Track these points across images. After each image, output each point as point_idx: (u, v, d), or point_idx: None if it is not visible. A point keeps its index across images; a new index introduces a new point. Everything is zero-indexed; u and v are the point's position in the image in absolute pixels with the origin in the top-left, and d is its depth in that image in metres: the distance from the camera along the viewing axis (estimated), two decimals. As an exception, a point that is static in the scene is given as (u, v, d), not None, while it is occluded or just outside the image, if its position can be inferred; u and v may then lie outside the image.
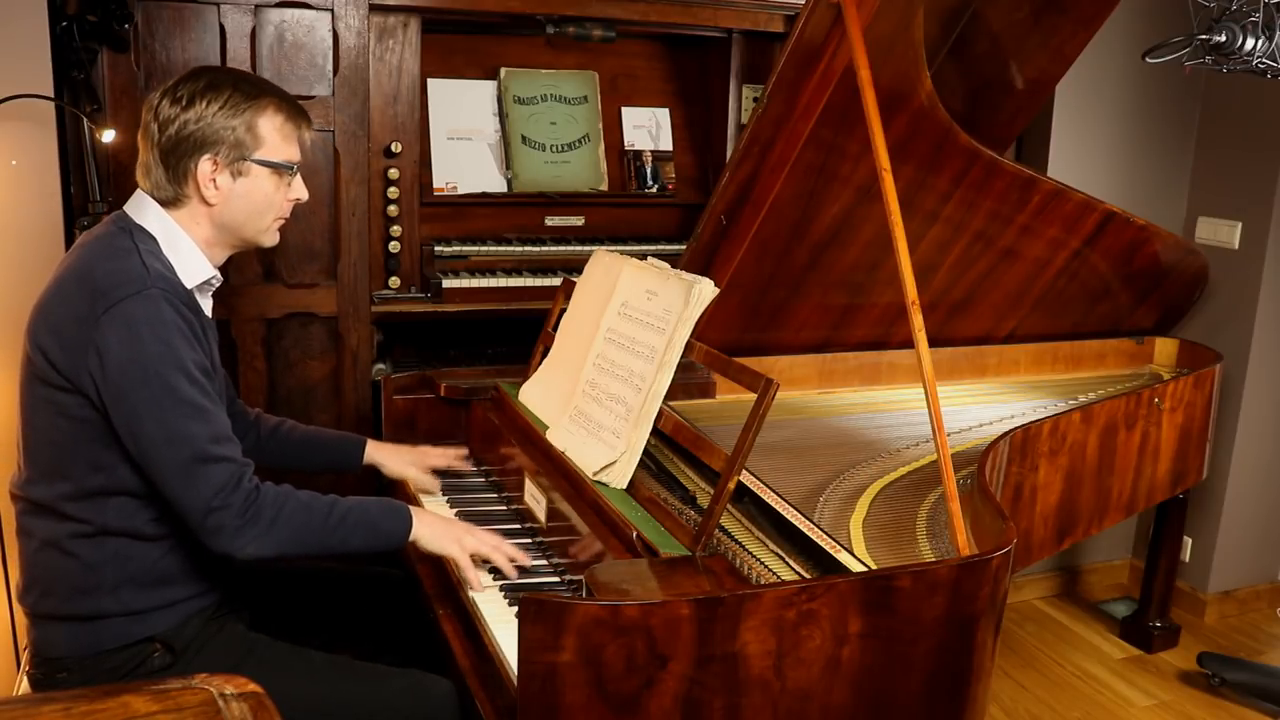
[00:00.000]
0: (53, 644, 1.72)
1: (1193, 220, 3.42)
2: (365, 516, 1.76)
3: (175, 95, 1.71)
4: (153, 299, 1.61)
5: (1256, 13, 2.28)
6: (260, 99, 1.74)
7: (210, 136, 1.70)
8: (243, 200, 1.74)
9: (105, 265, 1.64)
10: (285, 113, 1.77)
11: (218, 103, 1.70)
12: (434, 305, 2.72)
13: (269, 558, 1.66)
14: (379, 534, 1.77)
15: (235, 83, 1.73)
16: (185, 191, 1.72)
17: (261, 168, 1.74)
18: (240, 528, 1.62)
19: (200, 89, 1.70)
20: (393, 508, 1.80)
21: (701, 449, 1.76)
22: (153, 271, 1.64)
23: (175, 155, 1.70)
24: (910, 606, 1.48)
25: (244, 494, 1.63)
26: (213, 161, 1.71)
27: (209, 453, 1.62)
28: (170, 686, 1.02)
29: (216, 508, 1.61)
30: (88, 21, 2.24)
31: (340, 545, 1.72)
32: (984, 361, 2.92)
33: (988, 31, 2.58)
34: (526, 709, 1.35)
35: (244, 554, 1.64)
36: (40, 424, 1.67)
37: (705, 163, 3.16)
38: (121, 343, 1.58)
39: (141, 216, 1.73)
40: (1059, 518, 2.50)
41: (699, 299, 1.83)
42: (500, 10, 2.68)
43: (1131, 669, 3.17)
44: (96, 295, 1.60)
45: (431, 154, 2.83)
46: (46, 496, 1.68)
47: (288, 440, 2.09)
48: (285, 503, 1.68)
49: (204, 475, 1.61)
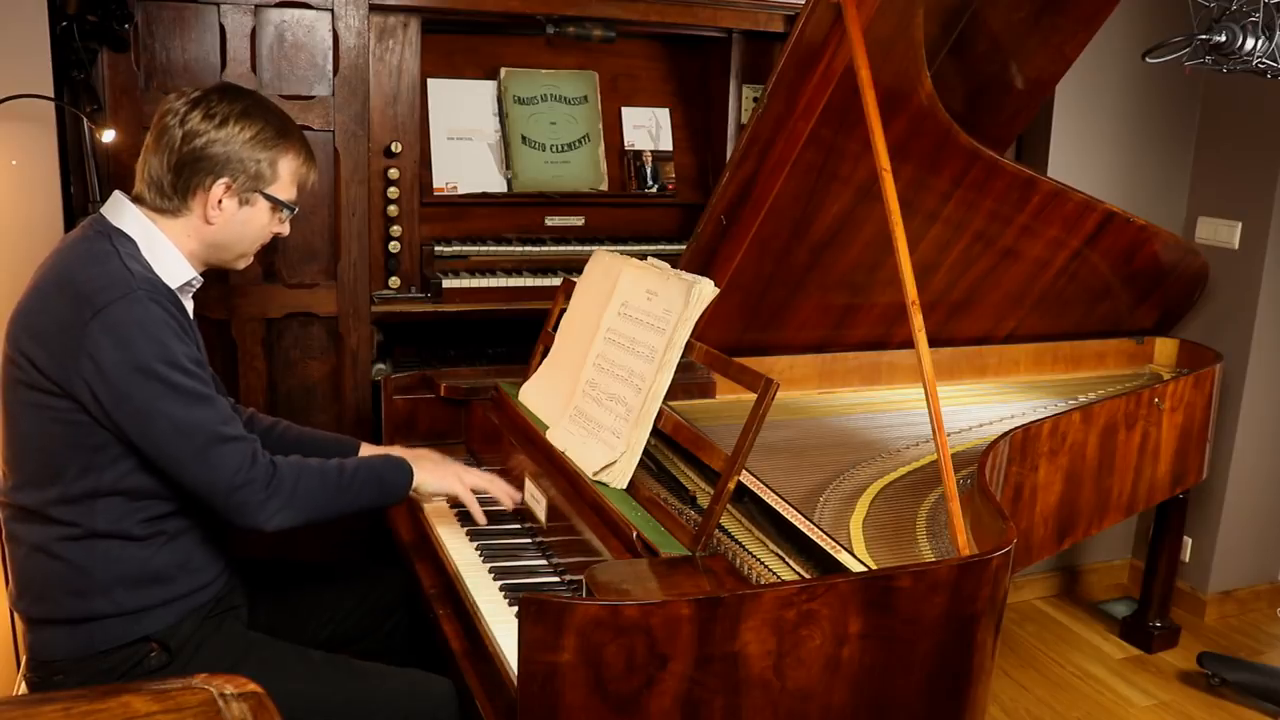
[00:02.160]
0: (48, 647, 1.71)
1: (1193, 220, 3.42)
2: (371, 473, 1.85)
3: (209, 111, 1.71)
4: (139, 300, 1.61)
5: (1256, 13, 2.28)
6: (288, 139, 1.78)
7: (233, 161, 1.72)
8: (240, 227, 1.77)
9: (87, 270, 1.63)
10: (303, 158, 1.82)
11: (250, 131, 1.73)
12: (434, 305, 2.72)
13: (293, 526, 1.72)
14: (385, 486, 1.86)
15: (268, 116, 1.77)
16: (188, 205, 1.73)
17: (266, 201, 1.78)
18: (264, 501, 1.68)
19: (236, 113, 1.72)
20: (394, 461, 1.90)
21: (701, 449, 1.76)
22: (135, 274, 1.64)
23: (191, 169, 1.71)
24: (910, 607, 1.48)
25: (263, 468, 1.69)
26: (227, 185, 1.72)
27: (222, 434, 1.66)
28: (170, 687, 1.02)
29: (240, 485, 1.66)
30: (88, 21, 2.24)
31: (352, 504, 1.81)
32: (984, 361, 2.92)
33: (988, 31, 2.58)
34: (526, 709, 1.35)
35: (271, 525, 1.70)
36: (27, 429, 1.67)
37: (705, 163, 3.16)
38: (115, 347, 1.58)
39: (119, 219, 1.72)
40: (1059, 518, 2.50)
41: (699, 299, 1.83)
42: (500, 10, 2.68)
43: (1131, 669, 3.17)
44: (82, 301, 1.59)
45: (431, 154, 2.83)
46: (33, 501, 1.67)
47: (282, 441, 2.08)
48: (301, 471, 1.75)
49: (222, 456, 1.65)
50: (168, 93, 2.36)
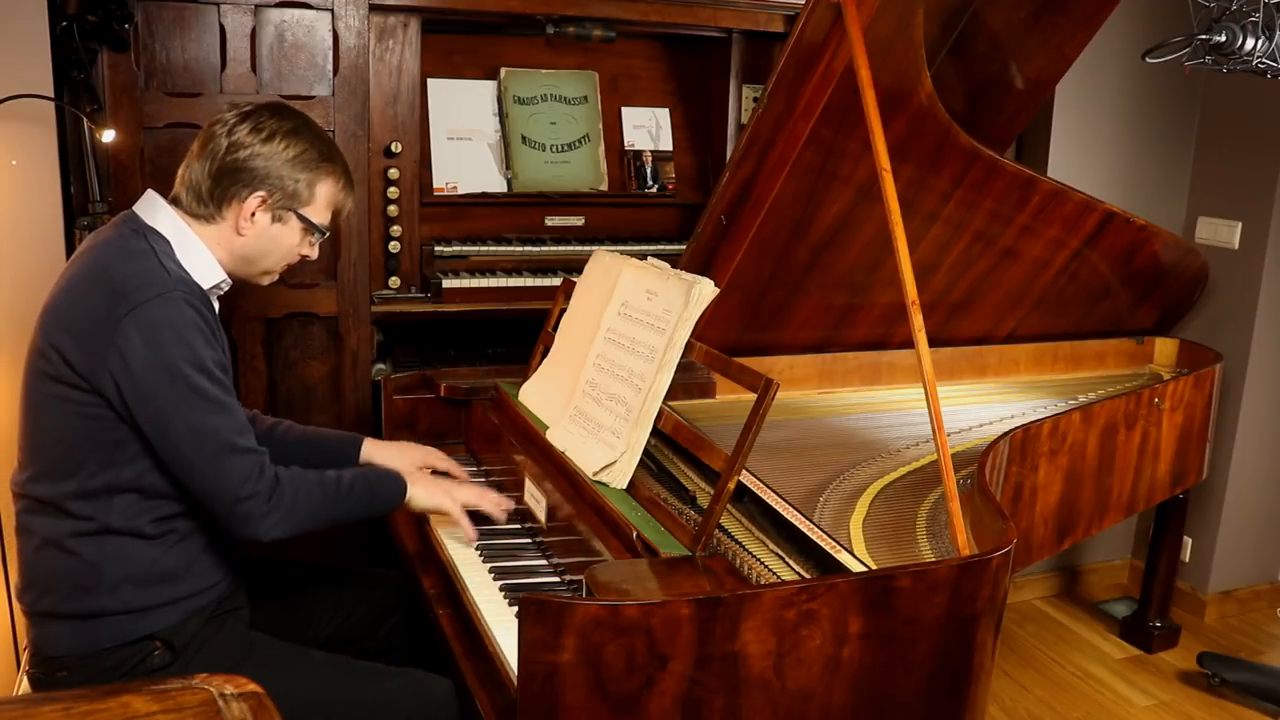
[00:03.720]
0: (52, 642, 1.72)
1: (1193, 220, 3.42)
2: (365, 485, 1.86)
3: (258, 124, 1.75)
4: (174, 301, 1.64)
5: (1256, 13, 2.28)
6: (329, 164, 1.81)
7: (272, 177, 1.75)
8: (270, 243, 1.80)
9: (124, 267, 1.66)
10: (342, 184, 1.84)
11: (294, 150, 1.76)
12: (434, 305, 2.72)
13: (290, 537, 1.74)
14: (378, 499, 1.88)
15: (314, 140, 1.80)
16: (223, 214, 1.76)
17: (299, 221, 1.80)
18: (266, 513, 1.70)
19: (284, 131, 1.76)
20: (387, 473, 1.93)
21: (701, 449, 1.76)
22: (172, 274, 1.68)
23: (231, 179, 1.74)
24: (910, 607, 1.48)
25: (268, 481, 1.71)
26: (263, 199, 1.75)
27: (235, 444, 1.68)
28: (170, 686, 1.02)
29: (245, 496, 1.68)
30: (88, 21, 2.24)
31: (347, 515, 1.83)
32: (984, 361, 2.92)
33: (988, 31, 2.58)
34: (526, 709, 1.35)
35: (269, 536, 1.71)
36: (49, 422, 1.68)
37: (705, 163, 3.16)
38: (146, 345, 1.60)
39: (153, 218, 1.74)
40: (1059, 518, 2.50)
41: (699, 299, 1.83)
42: (500, 10, 2.68)
43: (1131, 669, 3.17)
44: (117, 297, 1.62)
45: (431, 154, 2.83)
46: (51, 494, 1.68)
47: (284, 440, 2.09)
48: (300, 484, 1.76)
49: (232, 466, 1.67)
50: (168, 93, 2.40)
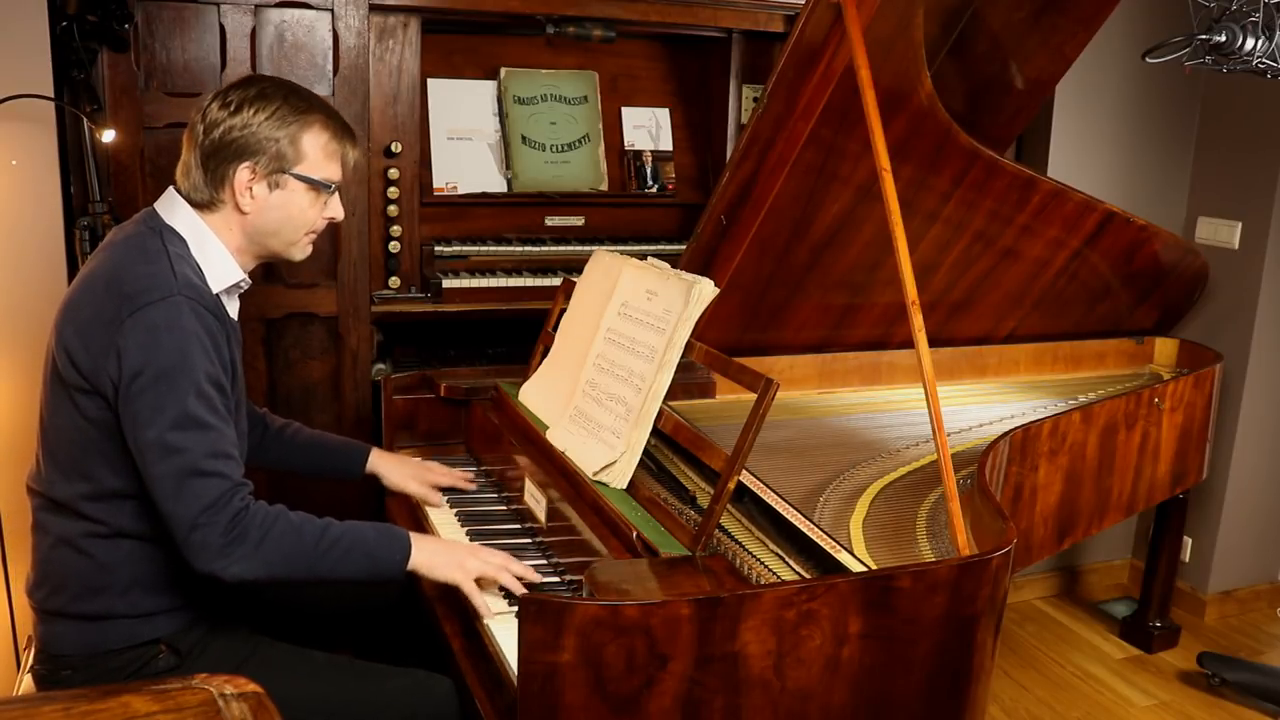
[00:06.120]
0: (59, 641, 1.72)
1: (1193, 220, 3.42)
2: (360, 543, 1.69)
3: (225, 100, 1.71)
4: (177, 306, 1.60)
5: (1256, 13, 2.28)
6: (308, 114, 1.73)
7: (252, 145, 1.70)
8: (276, 212, 1.74)
9: (135, 269, 1.64)
10: (331, 130, 1.76)
11: (265, 112, 1.70)
12: (434, 305, 2.72)
13: (256, 580, 1.61)
14: (375, 561, 1.70)
15: (286, 95, 1.73)
16: (221, 196, 1.72)
17: (299, 182, 1.74)
18: (223, 547, 1.57)
19: (250, 97, 1.70)
20: (391, 534, 1.73)
21: (701, 449, 1.76)
22: (180, 277, 1.64)
23: (215, 159, 1.70)
24: (910, 607, 1.48)
25: (231, 512, 1.58)
26: (251, 170, 1.70)
27: (200, 467, 1.57)
28: (170, 687, 1.02)
29: (201, 524, 1.56)
30: (88, 21, 2.24)
31: (331, 572, 1.66)
32: (984, 361, 2.92)
33: (988, 31, 2.58)
34: (526, 709, 1.35)
35: (229, 575, 1.58)
36: (61, 423, 1.67)
37: (705, 163, 3.16)
38: (139, 348, 1.58)
39: (172, 217, 1.73)
40: (1059, 518, 2.50)
41: (699, 299, 1.83)
42: (500, 10, 2.68)
43: (1131, 669, 3.17)
44: (123, 299, 1.60)
45: (431, 154, 2.83)
46: (65, 495, 1.68)
47: (292, 442, 2.08)
48: (275, 524, 1.62)
49: (192, 490, 1.56)
50: (168, 93, 2.40)
